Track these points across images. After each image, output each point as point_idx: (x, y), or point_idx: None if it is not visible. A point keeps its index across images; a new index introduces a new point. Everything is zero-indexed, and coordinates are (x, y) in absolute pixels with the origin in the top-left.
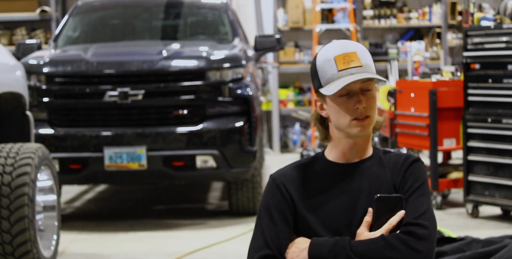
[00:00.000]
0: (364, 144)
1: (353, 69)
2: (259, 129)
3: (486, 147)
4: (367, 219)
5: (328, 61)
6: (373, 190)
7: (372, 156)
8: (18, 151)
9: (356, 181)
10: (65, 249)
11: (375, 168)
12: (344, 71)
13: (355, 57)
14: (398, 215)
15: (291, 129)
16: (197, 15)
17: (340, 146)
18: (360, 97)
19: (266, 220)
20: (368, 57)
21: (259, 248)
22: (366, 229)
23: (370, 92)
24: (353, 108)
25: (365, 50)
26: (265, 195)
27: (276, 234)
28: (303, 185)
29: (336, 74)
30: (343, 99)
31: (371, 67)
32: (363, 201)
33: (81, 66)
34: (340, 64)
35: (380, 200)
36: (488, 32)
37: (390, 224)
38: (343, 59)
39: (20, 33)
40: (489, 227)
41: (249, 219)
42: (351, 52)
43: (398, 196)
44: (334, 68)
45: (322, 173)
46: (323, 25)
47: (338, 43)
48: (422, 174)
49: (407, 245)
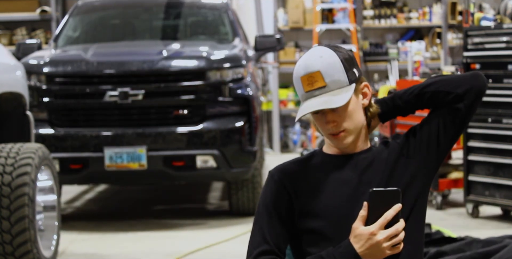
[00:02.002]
0: (359, 141)
1: (316, 91)
2: (259, 129)
3: (486, 147)
4: (363, 213)
5: (297, 80)
6: (371, 180)
7: (370, 148)
8: (18, 151)
9: (355, 172)
10: (65, 249)
11: (373, 156)
12: (309, 92)
13: (318, 77)
14: (394, 209)
15: (291, 129)
16: (197, 15)
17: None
18: (328, 117)
19: (264, 216)
20: (335, 70)
21: (257, 244)
22: (362, 223)
23: (339, 108)
24: (325, 126)
25: (333, 62)
26: (264, 191)
27: (274, 230)
28: (302, 179)
29: (304, 95)
30: (316, 116)
31: (338, 82)
32: (363, 191)
33: (81, 66)
34: (305, 85)
35: (375, 194)
36: (488, 32)
37: (385, 218)
38: (307, 80)
39: (20, 33)
40: (489, 227)
41: (249, 219)
42: (314, 72)
43: (394, 189)
44: (301, 88)
45: (320, 166)
46: (323, 25)
47: (305, 59)
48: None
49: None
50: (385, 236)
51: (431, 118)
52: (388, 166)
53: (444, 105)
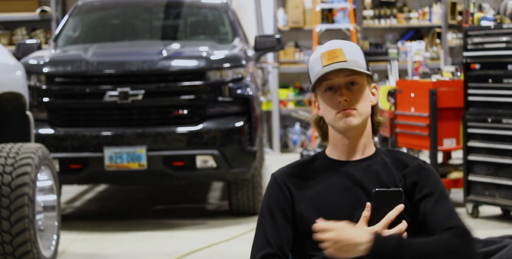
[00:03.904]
0: (362, 142)
1: (336, 64)
2: (259, 129)
3: (486, 147)
4: (365, 213)
5: (316, 59)
6: (373, 187)
7: (373, 155)
8: (18, 151)
9: (357, 178)
10: (65, 249)
11: (376, 166)
12: (327, 66)
13: (340, 53)
14: (396, 209)
15: (291, 129)
16: (197, 15)
17: (339, 145)
18: (342, 91)
19: (267, 219)
20: (356, 54)
21: (261, 247)
22: (365, 224)
23: (356, 86)
24: (336, 102)
25: (355, 47)
26: (266, 194)
27: (277, 233)
28: (304, 183)
29: (321, 70)
30: (328, 94)
31: (358, 63)
32: (364, 198)
33: (81, 66)
34: (325, 60)
35: (378, 194)
36: (488, 32)
37: (388, 218)
38: (328, 55)
39: (20, 33)
40: (489, 227)
41: (249, 219)
42: (337, 49)
43: (396, 190)
44: (320, 64)
45: (323, 170)
46: (323, 25)
47: (329, 42)
48: (438, 180)
49: (463, 248)
50: None
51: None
52: (390, 182)
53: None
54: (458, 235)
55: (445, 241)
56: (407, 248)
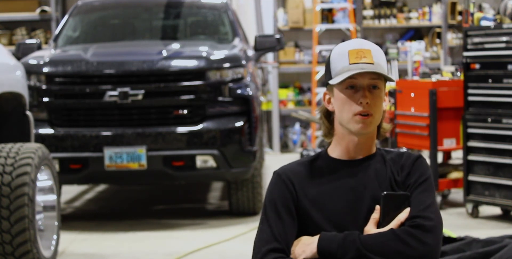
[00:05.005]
0: (368, 143)
1: (364, 64)
2: (259, 129)
3: (486, 147)
4: (375, 216)
5: (342, 54)
6: (375, 186)
7: (375, 154)
8: (18, 151)
9: (359, 177)
10: (65, 249)
11: (377, 165)
12: (354, 65)
13: (368, 54)
14: (406, 212)
15: (291, 129)
16: (197, 15)
17: (344, 143)
18: (366, 93)
19: (272, 215)
20: (382, 58)
21: (266, 242)
22: (374, 226)
23: (377, 91)
24: (357, 102)
25: (381, 51)
26: (270, 190)
27: (283, 228)
28: (308, 181)
29: (347, 66)
30: (349, 91)
31: (382, 67)
32: (366, 197)
33: (81, 66)
34: (353, 58)
35: (387, 198)
36: (488, 32)
37: (399, 220)
38: (356, 53)
39: (20, 33)
40: (489, 227)
41: (249, 219)
42: (366, 49)
43: (404, 193)
44: (346, 61)
45: (326, 170)
46: (323, 25)
47: (356, 39)
48: (425, 170)
49: (416, 238)
50: None
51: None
52: (388, 179)
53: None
54: (416, 226)
55: (399, 231)
56: (356, 241)
